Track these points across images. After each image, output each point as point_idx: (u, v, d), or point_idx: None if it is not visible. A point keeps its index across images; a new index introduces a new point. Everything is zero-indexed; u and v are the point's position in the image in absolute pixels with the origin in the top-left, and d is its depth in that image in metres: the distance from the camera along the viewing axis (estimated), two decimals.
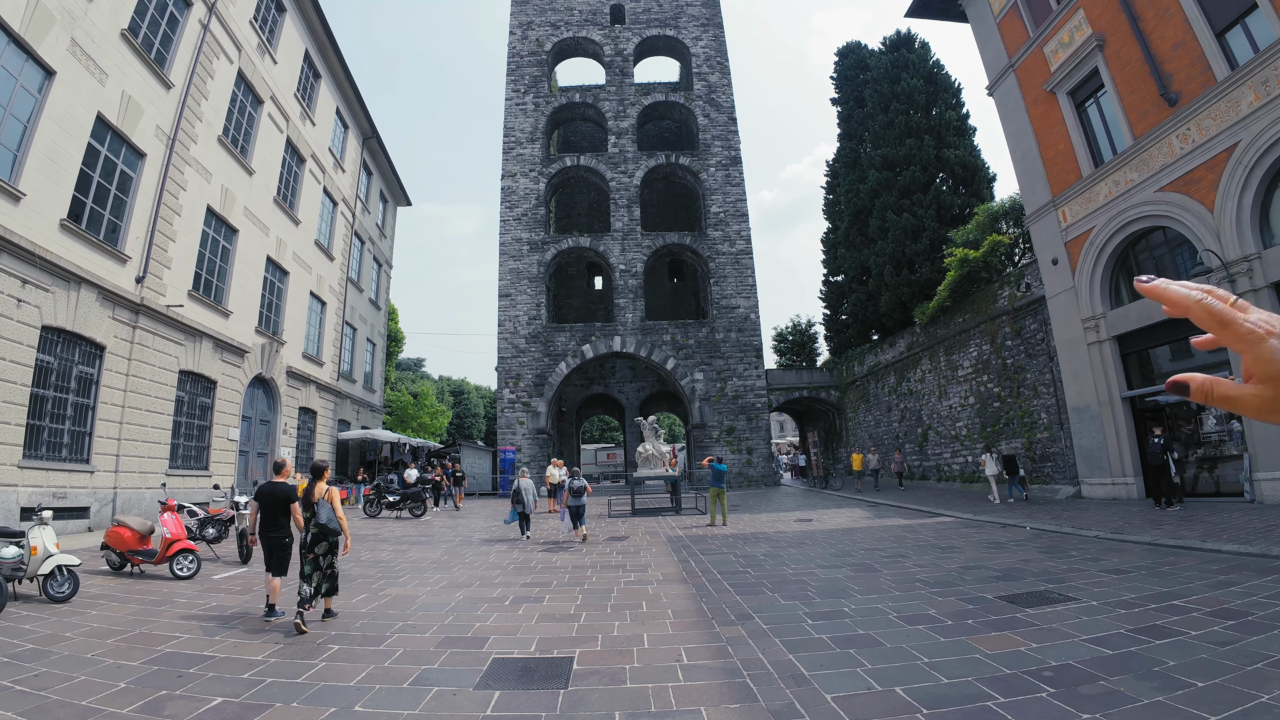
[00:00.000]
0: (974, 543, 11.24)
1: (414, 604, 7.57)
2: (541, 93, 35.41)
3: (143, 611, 7.34)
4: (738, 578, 8.76)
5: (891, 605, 6.91)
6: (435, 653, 5.59)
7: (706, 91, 35.74)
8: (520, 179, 33.86)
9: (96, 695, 4.72)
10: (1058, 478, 18.24)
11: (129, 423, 15.64)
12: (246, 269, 20.98)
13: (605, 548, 12.28)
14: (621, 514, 19.29)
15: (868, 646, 5.50)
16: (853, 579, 8.40)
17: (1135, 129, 15.50)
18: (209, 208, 18.96)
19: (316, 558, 6.80)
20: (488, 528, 16.67)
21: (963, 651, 5.36)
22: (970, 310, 22.01)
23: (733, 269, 32.94)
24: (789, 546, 11.65)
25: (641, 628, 6.30)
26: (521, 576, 9.30)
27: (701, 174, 34.22)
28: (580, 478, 13.62)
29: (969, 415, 22.37)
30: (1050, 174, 18.27)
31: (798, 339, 40.27)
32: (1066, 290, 17.43)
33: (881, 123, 29.27)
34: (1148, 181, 15.09)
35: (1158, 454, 13.87)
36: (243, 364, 20.68)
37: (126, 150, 15.94)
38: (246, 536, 10.70)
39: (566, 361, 31.52)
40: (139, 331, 16.08)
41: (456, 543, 13.44)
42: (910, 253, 26.61)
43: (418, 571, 9.84)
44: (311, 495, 6.88)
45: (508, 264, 32.59)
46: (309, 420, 25.95)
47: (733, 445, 30.88)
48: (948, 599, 7.16)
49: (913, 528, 13.92)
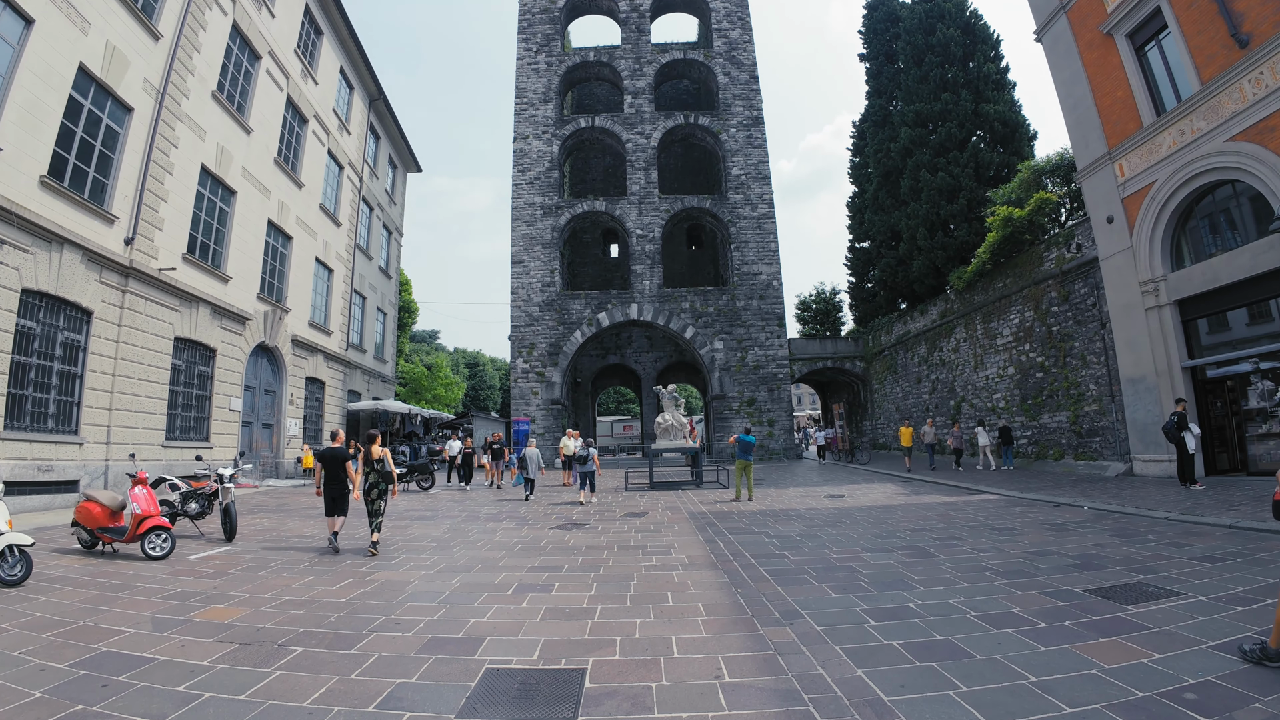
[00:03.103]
0: (1031, 523, 10.10)
1: (403, 592, 6.56)
2: (554, 52, 33.87)
3: (96, 599, 6.43)
4: (774, 563, 7.68)
5: (965, 600, 5.81)
6: (416, 660, 4.56)
7: (727, 48, 34.02)
8: (533, 141, 32.50)
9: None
10: (1106, 454, 16.97)
11: (120, 392, 14.84)
12: (246, 232, 20.00)
13: (623, 525, 11.25)
14: (639, 488, 18.30)
15: (953, 658, 4.41)
16: (908, 566, 7.29)
17: (1203, 73, 14.01)
18: (203, 167, 17.97)
19: (372, 500, 9.05)
20: (496, 499, 15.75)
21: (1073, 665, 4.28)
22: (1012, 274, 20.56)
23: (754, 234, 31.52)
24: (825, 526, 10.55)
25: (668, 627, 5.24)
26: (529, 559, 8.28)
27: (722, 135, 32.65)
28: (588, 448, 15.47)
29: (1007, 387, 21.05)
30: (1106, 124, 16.71)
31: (821, 307, 38.89)
32: (1122, 251, 16.01)
33: (915, 77, 27.51)
34: (1216, 130, 13.65)
35: (1172, 431, 12.94)
36: (244, 331, 19.81)
37: (112, 104, 14.95)
38: (231, 511, 9.81)
39: (582, 330, 30.43)
40: (129, 296, 15.21)
41: (462, 518, 12.48)
42: (945, 214, 25.06)
43: (414, 552, 8.86)
44: (370, 455, 9.17)
45: (520, 229, 31.38)
46: (317, 390, 25.15)
47: (753, 417, 29.76)
48: (1029, 592, 6.05)
49: (956, 505, 12.78)
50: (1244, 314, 13.95)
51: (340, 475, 9.17)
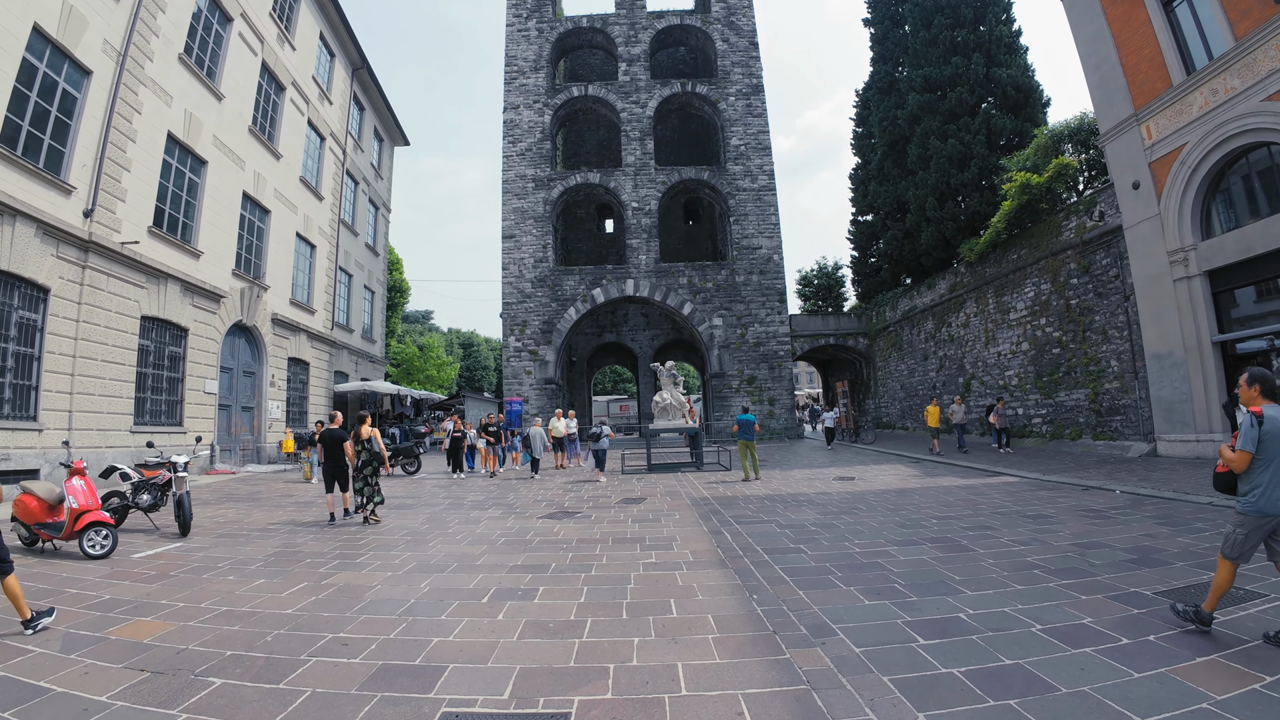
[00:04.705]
0: (1065, 510, 9.23)
1: (360, 600, 5.63)
2: (545, 17, 32.47)
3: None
4: (791, 559, 6.77)
5: (1023, 609, 4.91)
6: (357, 700, 3.63)
7: (725, 14, 32.65)
8: (524, 111, 31.21)
9: None
10: (1128, 433, 16.10)
11: (83, 375, 13.84)
12: (219, 205, 18.85)
13: (618, 513, 10.33)
14: (636, 470, 17.41)
15: (1033, 692, 3.50)
16: (945, 562, 6.39)
17: (1236, 29, 13.00)
18: (170, 134, 16.80)
19: (366, 477, 9.94)
20: (484, 486, 14.82)
21: (1180, 697, 3.42)
22: (1028, 245, 19.54)
23: (754, 206, 30.38)
24: (840, 513, 9.66)
25: (673, 649, 4.31)
26: (512, 555, 7.34)
27: (720, 104, 31.39)
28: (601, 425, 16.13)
29: (1021, 363, 20.13)
30: (1132, 84, 15.63)
31: (823, 282, 37.84)
32: (1149, 218, 15.03)
33: (923, 40, 26.23)
34: (1252, 90, 12.66)
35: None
36: (219, 310, 18.75)
37: (70, 67, 13.83)
38: (185, 504, 8.86)
39: (576, 307, 29.37)
40: (90, 272, 14.15)
41: (444, 506, 11.54)
42: (956, 183, 23.92)
43: (384, 548, 7.89)
44: (360, 435, 10.04)
45: (511, 203, 30.19)
46: (301, 371, 24.13)
47: (753, 396, 28.84)
48: (1093, 597, 5.16)
49: (976, 488, 11.91)
50: None
51: (338, 455, 10.02)
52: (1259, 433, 4.05)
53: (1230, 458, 4.21)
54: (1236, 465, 4.17)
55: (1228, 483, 4.38)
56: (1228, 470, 4.33)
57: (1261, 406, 4.17)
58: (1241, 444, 4.12)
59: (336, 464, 10.02)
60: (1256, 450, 4.07)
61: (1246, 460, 4.12)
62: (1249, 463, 4.12)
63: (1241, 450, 4.11)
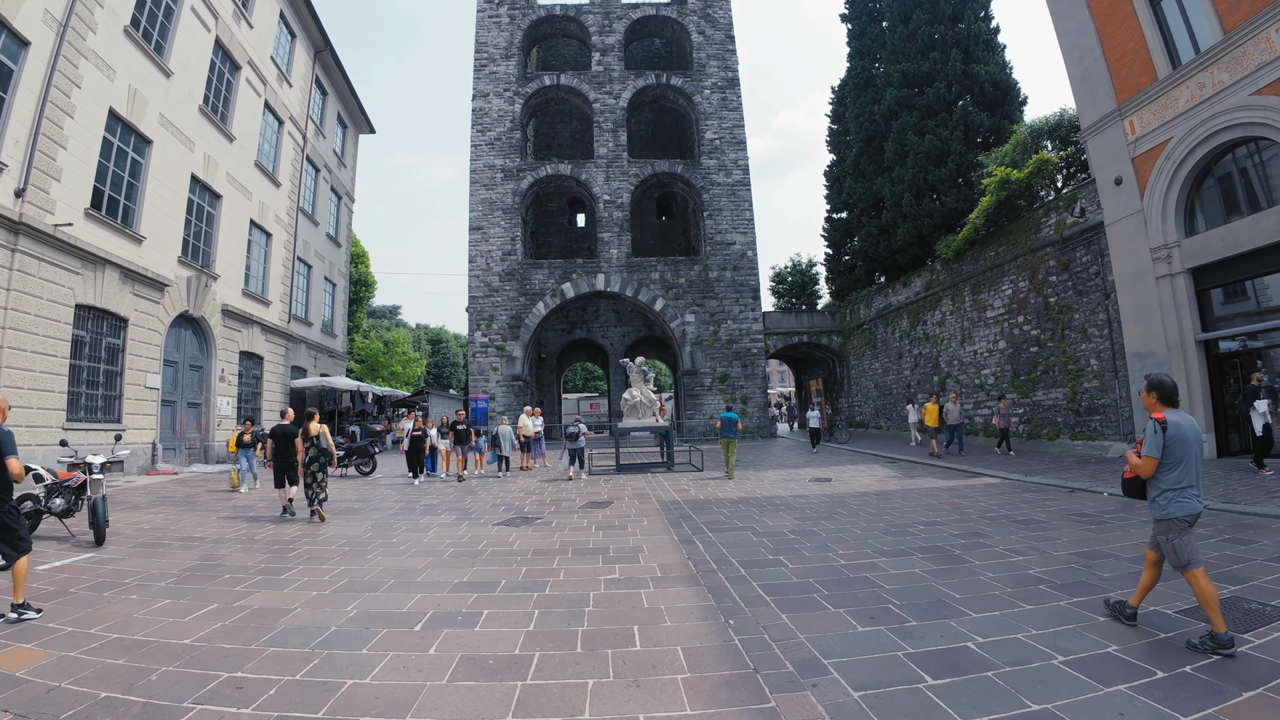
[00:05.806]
0: (1055, 514, 8.72)
1: (274, 627, 4.79)
2: (517, 4, 31.51)
3: None
4: (770, 574, 6.09)
5: (1037, 634, 4.29)
6: None
7: (701, 5, 32.02)
8: (493, 99, 30.24)
9: None
10: (1107, 433, 15.80)
11: (10, 367, 12.72)
12: (164, 188, 17.68)
13: (581, 519, 9.58)
14: (604, 471, 16.67)
15: None
16: (940, 576, 5.77)
17: (1225, 22, 12.72)
18: (112, 111, 15.66)
19: (313, 474, 9.88)
20: (441, 489, 13.93)
21: None
22: (1006, 242, 19.20)
23: (728, 201, 29.79)
24: (820, 518, 9.03)
25: (635, 696, 3.57)
26: (458, 570, 6.52)
27: (695, 96, 30.75)
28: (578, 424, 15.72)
29: (998, 362, 19.80)
30: (1116, 78, 15.31)
31: (798, 279, 37.41)
32: (1132, 215, 14.72)
33: (901, 35, 25.86)
34: (1241, 84, 12.39)
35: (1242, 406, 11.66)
36: (163, 299, 17.57)
37: (7, 36, 12.76)
38: (99, 509, 7.92)
39: (545, 302, 28.50)
40: (19, 256, 13.04)
41: (393, 511, 10.67)
42: (933, 179, 23.57)
43: (316, 560, 7.01)
44: (308, 431, 9.99)
45: (479, 193, 29.19)
46: (254, 366, 22.94)
47: (726, 394, 28.26)
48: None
49: (959, 490, 11.41)
50: (1268, 283, 12.75)
51: (288, 451, 10.15)
52: (1164, 438, 4.10)
53: (1137, 464, 4.29)
54: (1143, 471, 4.25)
55: (1136, 488, 4.49)
56: (1135, 476, 4.42)
57: (1164, 412, 4.21)
58: (1147, 450, 4.18)
59: (286, 460, 10.11)
60: (1162, 455, 4.13)
61: (1153, 466, 4.20)
62: (1155, 468, 4.20)
63: (1148, 456, 4.18)
